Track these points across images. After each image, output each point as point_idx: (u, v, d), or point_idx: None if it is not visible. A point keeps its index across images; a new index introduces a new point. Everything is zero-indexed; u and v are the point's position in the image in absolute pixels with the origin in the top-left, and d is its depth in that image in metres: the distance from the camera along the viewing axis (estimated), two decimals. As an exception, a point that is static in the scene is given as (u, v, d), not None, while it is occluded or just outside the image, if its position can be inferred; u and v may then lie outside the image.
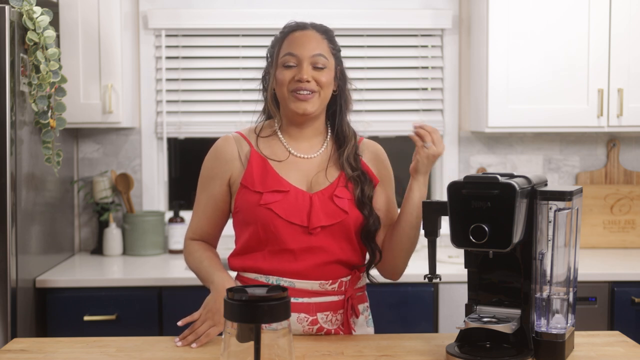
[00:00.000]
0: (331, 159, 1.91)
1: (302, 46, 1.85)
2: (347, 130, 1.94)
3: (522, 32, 3.12)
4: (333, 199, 1.84)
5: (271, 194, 1.82)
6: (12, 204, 2.61)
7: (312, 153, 1.91)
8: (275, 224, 1.81)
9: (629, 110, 3.14)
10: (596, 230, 3.44)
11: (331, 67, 1.88)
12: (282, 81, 1.85)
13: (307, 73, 1.83)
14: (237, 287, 1.36)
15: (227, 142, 1.91)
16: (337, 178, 1.88)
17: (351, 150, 1.91)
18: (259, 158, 1.87)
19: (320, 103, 1.87)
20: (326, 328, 1.85)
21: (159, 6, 3.42)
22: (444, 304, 2.89)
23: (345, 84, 1.94)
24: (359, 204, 1.86)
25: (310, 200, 1.83)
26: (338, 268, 1.86)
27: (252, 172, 1.85)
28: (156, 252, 3.33)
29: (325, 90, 1.86)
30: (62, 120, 2.79)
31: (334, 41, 1.92)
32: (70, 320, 2.80)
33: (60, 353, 1.72)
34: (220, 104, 3.46)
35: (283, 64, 1.86)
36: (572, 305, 1.67)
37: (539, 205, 1.61)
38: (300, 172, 1.88)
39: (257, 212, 1.82)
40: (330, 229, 1.83)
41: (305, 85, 1.83)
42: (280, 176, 1.85)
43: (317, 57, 1.85)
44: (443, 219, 1.72)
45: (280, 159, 1.88)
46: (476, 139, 3.50)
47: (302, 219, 1.81)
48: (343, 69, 1.94)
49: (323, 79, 1.85)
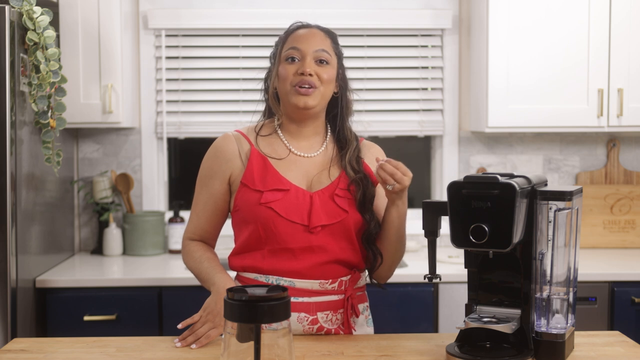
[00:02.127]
0: (333, 160, 1.91)
1: (306, 41, 1.86)
2: (349, 134, 1.94)
3: (522, 32, 3.12)
4: (334, 198, 1.84)
5: (271, 192, 1.82)
6: (12, 204, 2.61)
7: (312, 152, 1.91)
8: (275, 222, 1.81)
9: (629, 110, 3.14)
10: (596, 230, 3.44)
11: (334, 64, 1.88)
12: (285, 75, 1.85)
13: (310, 66, 1.83)
14: (237, 287, 1.36)
15: (228, 140, 1.91)
16: (338, 178, 1.88)
17: (353, 153, 1.91)
18: (259, 156, 1.87)
19: (321, 99, 1.86)
20: (326, 327, 1.85)
21: (159, 6, 3.42)
22: (444, 304, 2.89)
23: (346, 87, 1.95)
24: (360, 207, 1.86)
25: (310, 199, 1.83)
26: (338, 267, 1.86)
27: (252, 170, 1.85)
28: (156, 252, 3.33)
29: (327, 87, 1.86)
30: (62, 120, 2.79)
31: (337, 42, 1.94)
32: (70, 320, 2.80)
33: (60, 353, 1.72)
34: (220, 104, 3.46)
35: (286, 57, 1.86)
36: (572, 305, 1.67)
37: (539, 205, 1.61)
38: (300, 171, 1.88)
39: (257, 210, 1.81)
40: (331, 228, 1.83)
41: (307, 79, 1.82)
42: (280, 175, 1.85)
43: (321, 52, 1.85)
44: (443, 219, 1.72)
45: (280, 156, 1.88)
46: (476, 139, 3.50)
47: (303, 217, 1.81)
48: (345, 73, 1.95)
49: (325, 75, 1.85)
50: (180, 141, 3.58)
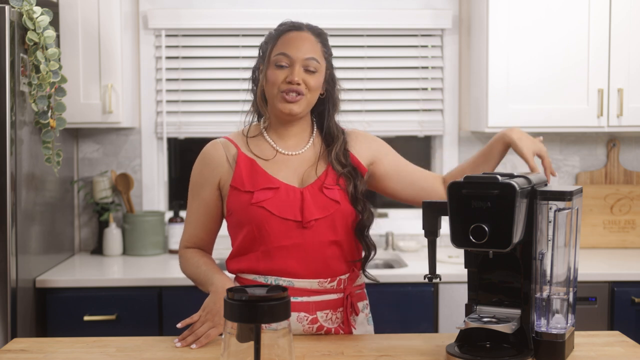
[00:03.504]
0: (321, 155, 1.93)
1: (296, 48, 1.87)
2: (335, 130, 1.97)
3: (522, 32, 3.12)
4: (323, 190, 1.85)
5: (262, 191, 1.83)
6: (12, 204, 2.61)
7: (299, 149, 1.93)
8: (269, 221, 1.81)
9: (629, 110, 3.14)
10: (596, 230, 3.44)
11: (322, 71, 1.90)
12: (274, 81, 1.87)
13: (299, 75, 1.85)
14: (237, 287, 1.36)
15: (214, 147, 1.94)
16: (325, 171, 1.89)
17: (339, 148, 1.93)
18: (247, 159, 1.89)
19: (307, 105, 1.89)
20: (326, 327, 1.85)
21: (159, 6, 3.42)
22: (444, 304, 2.89)
23: (334, 87, 1.97)
24: (352, 200, 1.87)
25: (301, 195, 1.84)
26: (335, 262, 1.86)
27: (240, 173, 1.86)
28: (156, 252, 3.33)
29: (313, 94, 1.89)
30: (62, 120, 2.79)
31: (327, 44, 1.95)
32: (70, 320, 2.80)
33: (60, 353, 1.72)
34: (220, 104, 3.46)
35: (275, 63, 1.87)
36: (572, 305, 1.67)
37: (539, 205, 1.61)
38: (290, 169, 1.89)
39: (249, 211, 1.82)
40: (324, 221, 1.83)
41: (294, 87, 1.85)
42: (269, 174, 1.86)
43: (310, 60, 1.87)
44: (443, 219, 1.71)
45: (267, 157, 1.90)
46: (476, 139, 3.50)
47: (295, 214, 1.82)
48: (333, 72, 1.97)
49: (312, 83, 1.87)
50: (180, 141, 3.58)
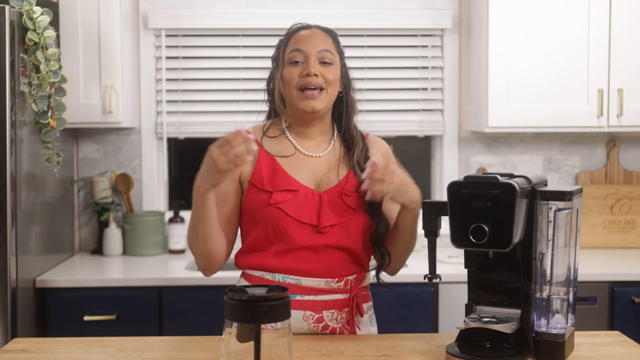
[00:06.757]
0: (341, 159, 1.90)
1: (308, 42, 1.85)
2: (355, 133, 1.94)
3: (522, 32, 3.12)
4: (342, 197, 1.84)
5: (280, 193, 1.81)
6: (12, 204, 2.61)
7: (319, 152, 1.91)
8: (285, 223, 1.80)
9: (629, 110, 3.14)
10: (596, 230, 3.44)
11: (337, 64, 1.88)
12: (290, 79, 1.84)
13: (315, 67, 1.82)
14: (237, 287, 1.36)
15: None
16: (346, 177, 1.87)
17: (361, 153, 1.91)
18: (267, 156, 1.86)
19: (328, 100, 1.86)
20: (331, 326, 1.85)
21: (159, 6, 3.42)
22: (444, 304, 2.89)
23: (350, 86, 1.94)
24: (369, 209, 1.85)
25: (319, 199, 1.83)
26: (345, 266, 1.85)
27: (260, 170, 1.84)
28: (156, 252, 3.33)
29: (332, 87, 1.86)
30: (62, 120, 2.78)
31: (338, 41, 1.93)
32: (70, 320, 2.80)
33: (60, 353, 1.72)
34: (220, 104, 3.46)
35: (290, 60, 1.85)
36: (572, 305, 1.67)
37: (539, 205, 1.61)
38: (308, 171, 1.87)
39: (266, 211, 1.81)
40: (340, 227, 1.82)
41: (312, 80, 1.82)
42: (289, 175, 1.84)
43: (324, 52, 1.85)
44: (443, 219, 1.72)
45: (287, 155, 1.87)
46: (476, 139, 3.50)
47: (312, 218, 1.81)
48: (347, 71, 1.94)
49: (330, 76, 1.84)
50: (180, 141, 3.58)
